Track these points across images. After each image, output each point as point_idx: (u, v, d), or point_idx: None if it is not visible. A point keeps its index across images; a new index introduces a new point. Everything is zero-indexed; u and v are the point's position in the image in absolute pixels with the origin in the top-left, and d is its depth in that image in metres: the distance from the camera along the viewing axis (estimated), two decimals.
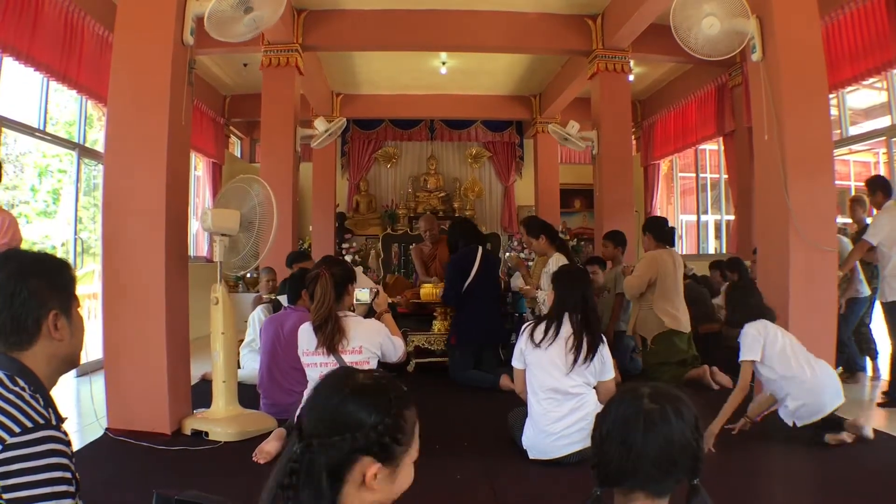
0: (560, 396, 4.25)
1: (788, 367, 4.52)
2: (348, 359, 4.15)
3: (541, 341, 4.34)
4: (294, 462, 1.44)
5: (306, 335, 4.28)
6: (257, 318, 7.04)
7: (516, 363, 4.53)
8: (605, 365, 4.36)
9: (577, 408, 4.23)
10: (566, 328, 4.34)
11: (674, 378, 6.43)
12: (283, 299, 6.50)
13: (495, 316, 7.23)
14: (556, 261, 6.55)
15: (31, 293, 1.75)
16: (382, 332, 4.36)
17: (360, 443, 1.45)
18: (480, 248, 7.11)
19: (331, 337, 4.14)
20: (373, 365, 4.26)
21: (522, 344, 4.46)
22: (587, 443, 1.80)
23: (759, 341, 4.59)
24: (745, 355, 4.65)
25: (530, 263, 8.39)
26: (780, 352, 4.56)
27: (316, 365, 4.22)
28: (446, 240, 7.72)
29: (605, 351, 4.37)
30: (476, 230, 7.72)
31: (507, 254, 8.08)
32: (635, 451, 1.53)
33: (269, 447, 4.41)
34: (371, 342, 4.25)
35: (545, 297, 6.45)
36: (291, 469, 1.43)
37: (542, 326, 4.41)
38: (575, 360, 4.25)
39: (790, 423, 4.61)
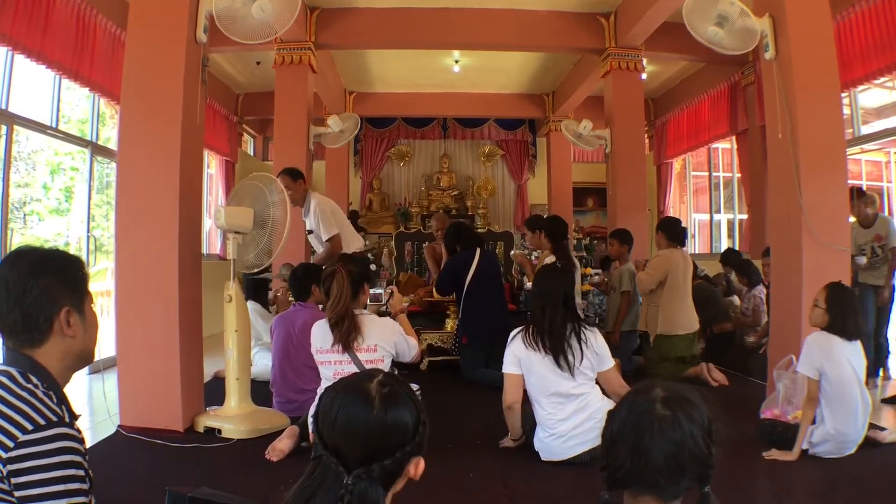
0: (563, 399, 4.19)
1: (841, 399, 4.28)
2: (363, 357, 4.16)
3: (533, 346, 4.24)
4: (349, 493, 1.43)
5: (320, 333, 4.29)
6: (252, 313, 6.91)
7: (511, 368, 4.35)
8: (600, 355, 4.25)
9: (580, 408, 4.17)
10: (552, 328, 4.23)
11: (672, 375, 6.48)
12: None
13: (502, 313, 7.20)
14: (545, 260, 6.54)
15: (43, 290, 1.75)
16: (397, 330, 4.37)
17: (409, 452, 1.50)
18: (479, 249, 7.12)
19: (346, 334, 4.16)
20: (387, 363, 4.28)
21: (516, 349, 4.32)
22: (597, 441, 1.78)
23: (816, 360, 4.30)
24: (800, 368, 4.40)
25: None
26: (838, 382, 4.27)
27: (330, 363, 4.23)
28: (444, 243, 7.70)
29: (594, 340, 4.27)
30: (472, 232, 7.74)
31: (513, 252, 8.09)
32: (645, 456, 1.51)
33: (282, 445, 4.41)
34: (386, 341, 4.27)
35: None
36: (349, 502, 1.43)
37: (531, 330, 4.29)
38: (567, 361, 4.15)
39: (805, 446, 4.39)
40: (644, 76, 9.87)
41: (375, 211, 14.75)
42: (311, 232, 6.88)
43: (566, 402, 4.20)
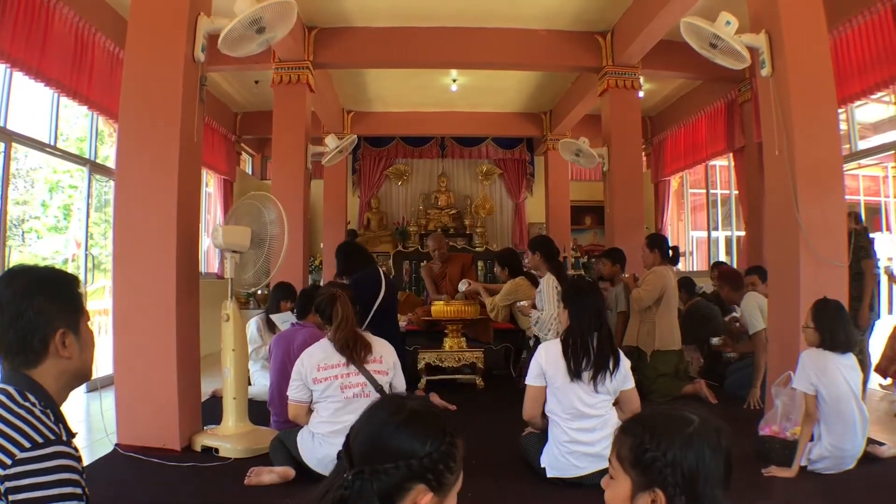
0: (584, 418, 4.15)
1: (837, 415, 4.30)
2: (371, 367, 4.15)
3: (568, 364, 4.17)
4: (345, 489, 1.42)
5: (321, 351, 4.21)
6: (254, 328, 6.94)
7: (535, 381, 4.32)
8: (626, 375, 4.27)
9: (599, 426, 4.15)
10: (588, 347, 4.21)
11: (669, 390, 6.52)
12: (277, 317, 6.51)
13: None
14: (548, 281, 6.52)
15: (37, 312, 1.74)
16: (395, 353, 4.40)
17: (415, 470, 1.45)
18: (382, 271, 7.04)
19: (359, 353, 4.15)
20: (392, 377, 4.31)
21: (543, 361, 4.28)
22: (606, 463, 1.77)
23: (811, 377, 4.34)
24: (796, 384, 4.45)
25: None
26: (834, 398, 4.30)
27: (336, 377, 4.11)
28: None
29: (623, 361, 4.28)
30: (365, 253, 7.48)
31: (462, 289, 7.90)
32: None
33: (267, 478, 4.31)
34: (389, 356, 4.32)
35: (539, 316, 6.42)
36: (342, 497, 1.42)
37: (570, 346, 4.23)
38: (596, 378, 4.14)
39: (803, 462, 4.42)
40: (641, 94, 9.91)
41: (373, 230, 14.76)
42: None
43: (586, 419, 4.16)
